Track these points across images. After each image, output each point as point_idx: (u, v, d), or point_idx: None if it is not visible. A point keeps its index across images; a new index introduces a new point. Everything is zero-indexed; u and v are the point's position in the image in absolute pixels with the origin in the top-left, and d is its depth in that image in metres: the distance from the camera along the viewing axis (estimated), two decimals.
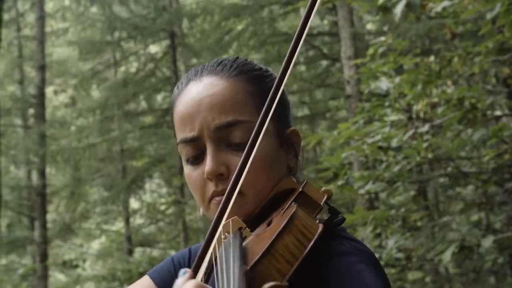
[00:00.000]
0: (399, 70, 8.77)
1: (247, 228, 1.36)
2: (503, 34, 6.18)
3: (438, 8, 5.58)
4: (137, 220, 20.67)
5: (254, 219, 1.44)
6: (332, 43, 17.37)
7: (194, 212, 18.17)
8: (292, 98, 14.64)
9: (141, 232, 19.50)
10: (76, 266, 20.22)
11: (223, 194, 1.38)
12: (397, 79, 6.32)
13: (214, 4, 16.68)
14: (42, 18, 18.83)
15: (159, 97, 19.63)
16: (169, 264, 1.74)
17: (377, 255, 5.99)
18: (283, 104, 1.58)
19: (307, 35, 1.61)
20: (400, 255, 6.15)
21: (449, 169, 5.91)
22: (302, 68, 18.45)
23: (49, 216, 19.40)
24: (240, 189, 1.38)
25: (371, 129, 6.26)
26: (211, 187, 1.48)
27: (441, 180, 7.21)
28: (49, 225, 18.45)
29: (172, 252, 18.84)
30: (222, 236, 1.32)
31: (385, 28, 16.62)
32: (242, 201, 1.43)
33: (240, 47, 16.54)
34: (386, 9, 6.07)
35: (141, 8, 18.64)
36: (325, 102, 17.79)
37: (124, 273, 16.55)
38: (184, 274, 1.17)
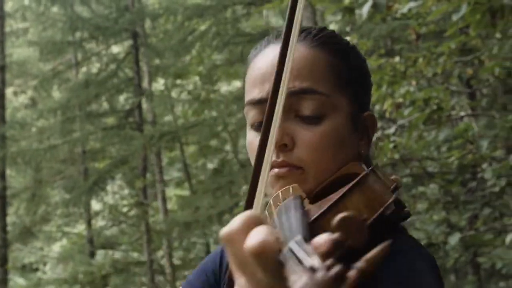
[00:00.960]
0: None
1: (306, 199, 1.26)
2: (466, 34, 6.25)
3: (404, 10, 5.61)
4: (99, 222, 20.48)
5: (312, 200, 1.31)
6: None
7: (157, 214, 18.07)
8: None
9: (103, 234, 19.32)
10: (37, 270, 19.96)
11: (282, 166, 1.32)
12: None
13: (177, 4, 16.61)
14: (1, 18, 18.54)
15: (122, 98, 19.48)
16: (201, 271, 1.61)
17: None
18: (363, 83, 1.46)
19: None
20: None
21: (414, 169, 5.95)
22: None
23: (9, 219, 19.11)
24: (300, 164, 1.31)
25: None
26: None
27: (404, 180, 7.27)
28: (9, 228, 18.16)
29: (135, 255, 18.72)
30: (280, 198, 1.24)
31: (348, 29, 16.74)
32: (302, 177, 1.32)
33: (203, 47, 16.51)
34: (351, 10, 6.10)
35: (103, 8, 18.48)
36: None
37: (86, 276, 16.40)
38: None
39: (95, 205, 20.76)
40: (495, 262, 5.88)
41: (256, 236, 0.84)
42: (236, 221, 0.90)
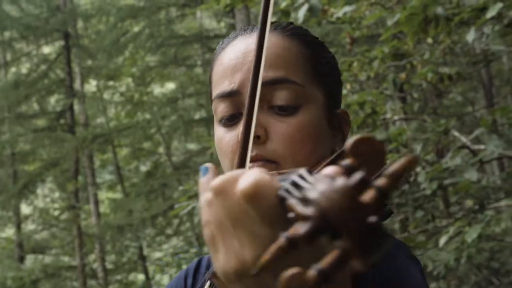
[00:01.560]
0: None
1: None
2: (398, 40, 6.35)
3: (339, 14, 5.66)
4: (29, 226, 20.07)
5: None
6: None
7: (89, 217, 17.81)
8: (188, 101, 14.49)
9: (33, 238, 18.94)
10: None
11: (257, 160, 1.23)
12: None
13: (110, 5, 16.43)
14: None
15: (53, 100, 19.15)
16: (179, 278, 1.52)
17: None
18: (335, 78, 1.37)
19: (205, 37, 1.45)
20: None
21: None
22: (199, 70, 18.42)
23: None
24: (275, 158, 1.22)
25: None
26: None
27: None
28: None
29: (66, 259, 18.41)
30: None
31: None
32: (277, 170, 1.20)
33: (136, 48, 16.37)
34: (287, 13, 6.12)
35: (33, 7, 18.12)
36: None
37: (15, 281, 16.06)
38: (206, 170, 0.92)
39: (25, 209, 20.34)
40: (426, 264, 5.99)
41: (249, 177, 0.76)
42: (229, 173, 0.81)
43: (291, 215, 0.69)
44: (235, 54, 1.30)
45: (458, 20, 4.02)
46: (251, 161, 1.22)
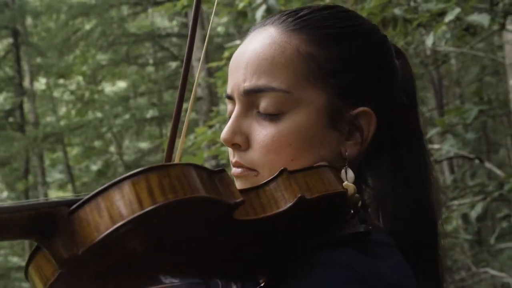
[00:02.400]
0: None
1: None
2: None
3: None
4: None
5: None
6: (182, 45, 17.38)
7: None
8: (140, 100, 14.36)
9: None
10: None
11: (237, 167, 1.22)
12: None
13: (61, 2, 16.23)
14: None
15: (1, 98, 18.83)
16: None
17: None
18: (357, 73, 1.24)
19: (157, 36, 1.44)
20: None
21: None
22: (151, 69, 18.34)
23: None
24: (253, 167, 1.20)
25: None
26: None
27: None
28: None
29: (15, 260, 18.12)
30: None
31: (232, 30, 16.86)
32: (256, 179, 1.19)
33: (87, 46, 16.21)
34: (244, 14, 6.15)
35: None
36: (174, 104, 17.71)
37: None
38: None
39: None
40: None
41: None
42: None
43: None
44: (236, 54, 1.26)
45: (416, 24, 4.10)
46: (233, 166, 1.23)
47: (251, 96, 1.20)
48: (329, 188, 1.12)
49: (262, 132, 1.20)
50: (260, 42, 1.22)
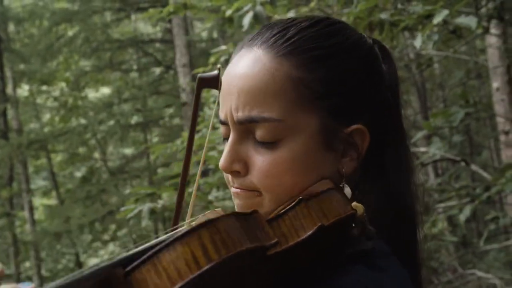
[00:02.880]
0: None
1: None
2: None
3: None
4: None
5: None
6: (165, 50, 17.37)
7: (24, 224, 17.47)
8: (124, 106, 14.29)
9: None
10: None
11: (239, 188, 1.24)
12: None
13: (44, 8, 16.16)
14: None
15: None
16: None
17: None
18: (350, 92, 1.25)
19: (140, 42, 1.44)
20: None
21: None
22: (135, 75, 18.30)
23: None
24: (255, 188, 1.22)
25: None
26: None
27: None
28: None
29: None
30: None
31: (215, 35, 16.88)
32: (258, 199, 1.23)
33: (71, 53, 16.16)
34: (230, 21, 6.17)
35: None
36: (159, 109, 17.73)
37: None
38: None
39: None
40: None
41: None
42: None
43: None
44: (228, 78, 1.25)
45: (403, 27, 4.13)
46: (233, 187, 1.25)
47: (245, 125, 1.21)
48: (341, 212, 1.15)
49: (260, 159, 1.21)
50: (250, 68, 1.21)
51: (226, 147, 1.23)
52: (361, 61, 1.27)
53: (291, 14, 5.77)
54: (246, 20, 5.43)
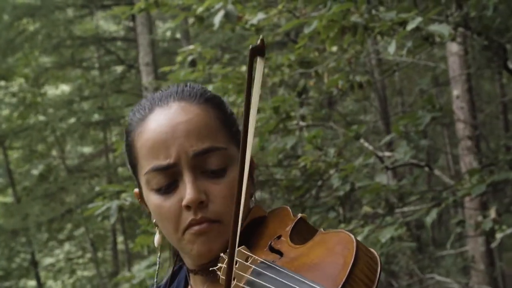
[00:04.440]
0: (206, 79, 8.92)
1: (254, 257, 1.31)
2: (304, 48, 6.52)
3: (254, 21, 5.77)
4: None
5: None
6: (128, 49, 17.27)
7: None
8: (85, 104, 14.18)
9: None
10: None
11: (201, 223, 1.38)
12: (209, 87, 6.44)
13: (5, 2, 15.93)
14: None
15: None
16: None
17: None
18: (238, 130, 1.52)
19: (103, 40, 1.47)
20: None
21: (260, 176, 6.13)
22: (96, 73, 18.15)
23: None
24: (217, 218, 1.39)
25: None
26: (188, 216, 1.40)
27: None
28: None
29: None
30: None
31: (178, 36, 16.83)
32: (220, 229, 1.39)
33: (32, 49, 15.96)
34: (201, 19, 6.18)
35: None
36: (120, 108, 17.61)
37: None
38: None
39: None
40: None
41: None
42: None
43: None
44: (163, 127, 1.43)
45: (377, 32, 4.21)
46: (198, 224, 1.39)
47: (199, 158, 1.40)
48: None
49: (217, 187, 1.40)
50: (187, 115, 1.43)
51: (188, 184, 1.39)
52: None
53: (260, 15, 5.81)
54: (217, 19, 5.45)
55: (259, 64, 1.24)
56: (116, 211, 5.17)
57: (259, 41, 1.24)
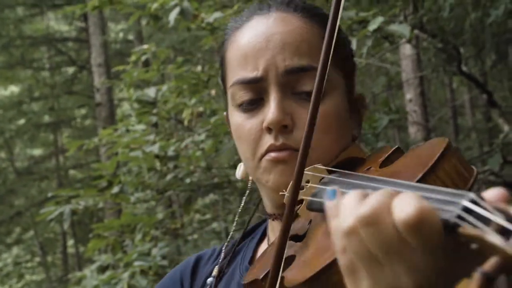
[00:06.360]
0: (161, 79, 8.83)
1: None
2: None
3: (210, 19, 5.71)
4: None
5: None
6: (80, 50, 17.02)
7: None
8: (35, 105, 13.95)
9: None
10: None
11: (281, 150, 1.20)
12: (164, 87, 6.36)
13: None
14: None
15: None
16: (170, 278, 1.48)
17: (143, 263, 5.86)
18: (351, 62, 1.35)
19: (54, 40, 1.32)
20: (165, 262, 6.17)
21: (216, 179, 6.06)
22: (47, 73, 17.85)
23: None
24: (299, 149, 1.16)
25: (134, 135, 6.22)
26: (268, 140, 1.22)
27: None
28: None
29: None
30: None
31: (131, 37, 16.65)
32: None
33: None
34: (156, 17, 6.09)
35: None
36: (72, 109, 17.34)
37: None
38: (333, 194, 0.87)
39: None
40: None
41: (409, 205, 0.72)
42: (376, 198, 0.76)
43: (474, 245, 0.69)
44: (256, 37, 1.26)
45: None
46: (277, 150, 1.21)
47: (291, 75, 1.22)
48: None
49: (305, 113, 1.15)
50: (287, 26, 1.25)
51: (273, 102, 1.21)
52: (347, 38, 1.40)
53: (217, 14, 5.74)
54: (172, 16, 5.37)
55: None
56: (70, 216, 5.03)
57: None
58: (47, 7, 15.36)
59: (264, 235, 1.43)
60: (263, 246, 1.40)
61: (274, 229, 1.34)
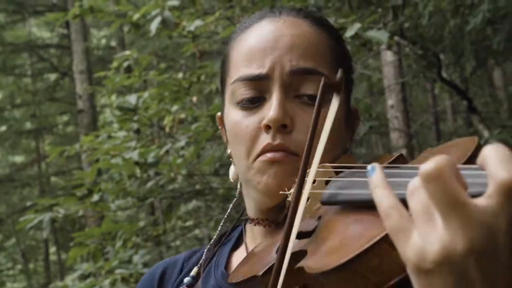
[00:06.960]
0: (142, 85, 8.82)
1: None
2: None
3: (191, 27, 5.72)
4: None
5: None
6: (62, 56, 16.97)
7: None
8: (17, 112, 13.89)
9: None
10: None
11: (277, 151, 1.20)
12: (145, 94, 6.36)
13: None
14: None
15: None
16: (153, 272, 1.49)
17: (124, 271, 5.85)
18: (350, 71, 1.37)
19: (36, 46, 1.27)
20: (146, 269, 6.16)
21: (198, 185, 6.07)
22: (29, 80, 17.77)
23: None
24: (297, 150, 1.20)
25: (115, 142, 6.21)
26: (265, 139, 1.22)
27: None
28: None
29: None
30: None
31: (113, 43, 16.63)
32: (295, 165, 1.17)
33: None
34: (137, 26, 6.09)
35: None
36: (54, 116, 17.26)
37: None
38: (373, 170, 0.86)
39: None
40: None
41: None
42: (440, 158, 0.77)
43: None
44: (265, 36, 1.27)
45: None
46: (273, 150, 1.21)
47: (296, 77, 1.24)
48: None
49: (307, 117, 1.20)
50: (296, 29, 1.28)
51: (275, 101, 1.21)
52: (348, 50, 1.42)
53: (198, 22, 5.75)
54: (154, 25, 5.38)
55: (334, 102, 1.10)
56: (49, 224, 5.01)
57: (338, 76, 1.13)
58: (29, 13, 15.31)
59: (238, 241, 1.41)
60: (239, 252, 1.39)
61: (254, 235, 1.33)
